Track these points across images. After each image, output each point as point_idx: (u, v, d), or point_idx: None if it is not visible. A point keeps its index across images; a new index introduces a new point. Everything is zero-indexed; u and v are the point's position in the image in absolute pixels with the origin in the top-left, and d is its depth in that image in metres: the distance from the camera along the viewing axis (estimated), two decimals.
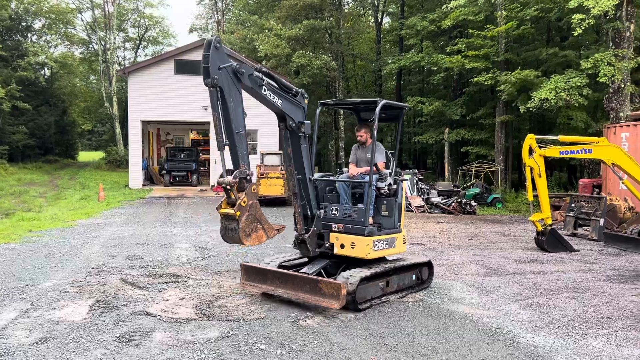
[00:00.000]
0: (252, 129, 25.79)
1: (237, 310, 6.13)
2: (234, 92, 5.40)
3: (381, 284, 6.76)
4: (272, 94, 5.86)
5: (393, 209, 6.99)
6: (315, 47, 28.80)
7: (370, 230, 6.58)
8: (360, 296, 6.32)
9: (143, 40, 55.99)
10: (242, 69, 5.45)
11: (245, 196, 5.38)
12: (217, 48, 5.21)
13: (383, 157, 7.27)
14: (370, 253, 6.54)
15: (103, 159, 46.58)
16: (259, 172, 18.55)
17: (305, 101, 6.35)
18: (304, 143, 6.36)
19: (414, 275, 7.29)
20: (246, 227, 5.41)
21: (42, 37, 50.09)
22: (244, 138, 5.55)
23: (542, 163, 10.77)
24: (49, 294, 6.71)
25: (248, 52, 32.41)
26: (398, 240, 7.00)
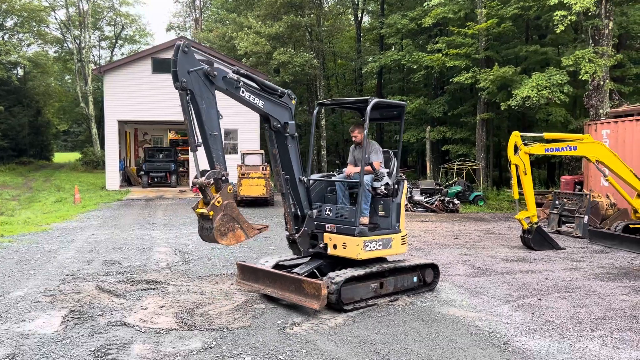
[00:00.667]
0: (233, 129, 25.43)
1: (221, 318, 5.84)
2: (206, 95, 5.45)
3: (373, 285, 6.58)
4: (251, 96, 5.86)
5: (390, 209, 6.82)
6: (296, 45, 28.49)
7: (360, 231, 6.43)
8: (347, 297, 6.23)
9: (119, 39, 54.99)
10: (214, 71, 5.45)
11: (220, 196, 5.44)
12: (185, 52, 5.27)
13: (379, 156, 7.08)
14: (361, 254, 6.40)
15: (79, 160, 45.62)
16: (239, 172, 18.20)
17: (293, 102, 6.33)
18: (291, 143, 6.32)
19: (415, 277, 7.07)
20: (221, 227, 5.46)
21: (15, 36, 48.87)
22: (218, 139, 5.59)
23: (528, 161, 10.68)
24: (19, 304, 6.32)
25: (227, 51, 31.96)
26: (395, 241, 6.80)
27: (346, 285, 6.23)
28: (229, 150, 25.67)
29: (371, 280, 6.60)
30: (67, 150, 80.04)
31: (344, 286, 6.20)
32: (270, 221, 14.68)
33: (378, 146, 7.18)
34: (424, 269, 7.21)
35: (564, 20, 16.70)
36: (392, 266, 6.78)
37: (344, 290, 6.20)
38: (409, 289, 7.01)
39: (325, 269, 6.75)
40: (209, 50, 26.33)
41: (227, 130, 25.42)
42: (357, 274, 6.32)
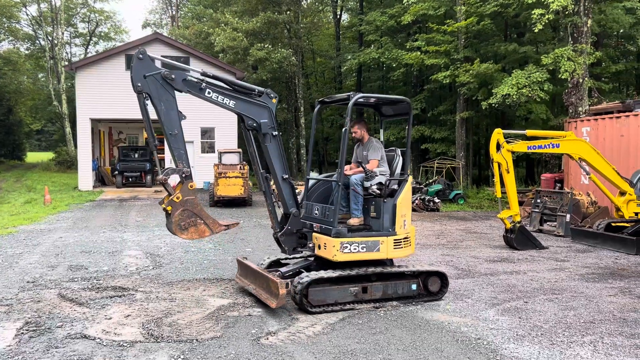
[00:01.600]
0: (210, 127, 24.90)
1: (190, 328, 5.44)
2: (165, 97, 5.75)
3: (353, 289, 6.26)
4: (219, 96, 6.01)
5: (381, 211, 6.42)
6: (274, 42, 28.03)
7: (337, 232, 6.15)
8: (316, 299, 6.03)
9: (94, 36, 53.81)
10: (171, 74, 5.75)
11: (180, 192, 5.68)
12: (140, 59, 5.67)
13: (377, 154, 6.77)
14: (337, 255, 6.10)
15: (52, 160, 44.44)
16: (216, 172, 17.72)
17: (274, 101, 6.31)
18: (271, 142, 6.29)
19: (414, 285, 6.58)
20: (180, 222, 5.70)
21: None
22: (179, 138, 5.83)
23: (510, 158, 10.47)
24: None
25: (204, 48, 31.37)
26: (384, 245, 6.33)
27: (316, 287, 6.04)
28: (207, 149, 25.15)
29: (351, 284, 6.27)
30: (41, 149, 78.22)
31: (313, 287, 6.01)
32: (247, 222, 14.27)
33: (377, 143, 6.89)
34: (427, 276, 6.69)
35: (542, 18, 16.60)
36: (378, 270, 6.38)
37: (313, 291, 6.02)
38: (405, 297, 6.55)
39: (315, 269, 6.46)
40: (185, 47, 25.74)
41: (204, 128, 24.92)
42: (327, 275, 6.06)
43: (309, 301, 5.99)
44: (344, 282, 6.24)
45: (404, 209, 6.53)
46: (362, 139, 7.02)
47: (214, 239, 11.38)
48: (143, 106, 5.72)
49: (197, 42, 32.76)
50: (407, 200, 6.63)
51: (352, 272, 6.24)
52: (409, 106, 6.88)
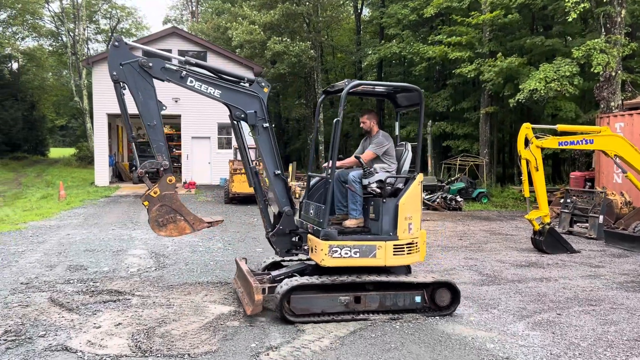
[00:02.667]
0: (227, 122, 24.40)
1: (184, 341, 4.91)
2: (142, 86, 5.44)
3: (344, 298, 5.59)
4: (202, 85, 5.64)
5: (380, 212, 5.74)
6: (292, 36, 27.48)
7: (325, 233, 5.55)
8: (299, 307, 5.46)
9: (115, 32, 53.92)
10: (149, 62, 5.44)
11: (158, 187, 5.43)
12: (116, 46, 5.40)
13: (378, 147, 6.15)
14: (325, 260, 5.52)
15: (74, 156, 44.71)
16: (231, 168, 17.27)
17: (265, 90, 5.89)
18: (260, 135, 5.88)
19: (419, 297, 5.84)
20: (158, 217, 5.44)
21: (8, 29, 47.93)
22: (158, 129, 5.52)
23: (540, 155, 9.75)
24: None
25: (222, 42, 30.99)
26: (381, 250, 5.66)
27: (299, 294, 5.47)
28: (224, 145, 24.75)
29: (341, 293, 5.61)
30: (65, 145, 79.09)
31: (296, 294, 5.45)
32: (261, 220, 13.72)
33: (383, 137, 6.24)
34: (434, 288, 5.91)
35: (577, 7, 15.70)
36: (372, 279, 5.65)
37: (296, 299, 5.45)
38: (408, 310, 5.83)
39: (310, 274, 5.86)
40: (202, 42, 25.36)
41: (222, 124, 24.51)
42: (309, 282, 5.48)
43: (291, 309, 5.43)
44: (334, 290, 5.60)
45: (409, 210, 5.81)
46: (370, 131, 6.39)
47: (223, 237, 10.91)
48: (120, 96, 5.45)
49: (216, 37, 32.41)
50: (414, 201, 5.89)
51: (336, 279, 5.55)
52: (419, 95, 6.11)
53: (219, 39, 32.10)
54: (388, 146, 6.21)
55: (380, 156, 6.18)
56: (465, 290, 7.07)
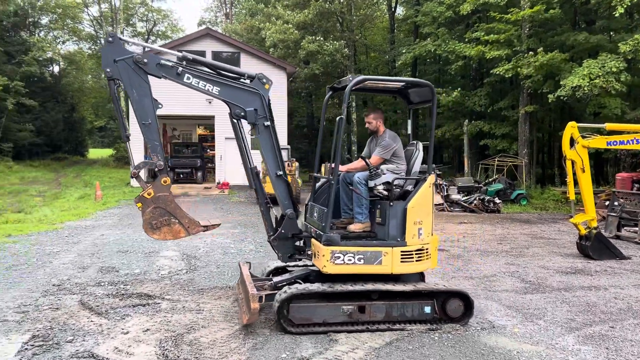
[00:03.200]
0: None
1: (212, 349, 4.73)
2: (137, 83, 5.26)
3: (347, 307, 5.24)
4: (200, 82, 5.41)
5: (386, 216, 5.37)
6: (326, 35, 27.24)
7: (327, 238, 5.24)
8: (299, 316, 5.16)
9: (152, 34, 54.90)
10: (144, 58, 5.23)
11: (152, 188, 5.25)
12: (110, 42, 5.24)
13: (385, 150, 5.78)
14: (327, 266, 5.22)
15: (112, 156, 45.63)
16: (264, 169, 17.16)
17: (266, 87, 5.60)
18: (261, 134, 5.62)
19: (428, 307, 5.45)
20: (152, 220, 5.24)
21: (50, 33, 49.32)
22: (153, 128, 5.31)
23: (586, 155, 9.23)
24: None
25: (256, 43, 31.02)
26: (387, 257, 5.29)
27: (299, 303, 5.18)
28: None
29: (344, 302, 5.27)
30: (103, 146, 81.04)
31: (296, 303, 5.16)
32: None
33: (390, 138, 5.86)
34: (446, 298, 5.50)
35: (623, 1, 14.94)
36: (372, 287, 5.28)
37: (295, 308, 5.16)
38: (418, 321, 5.44)
39: (315, 280, 5.54)
40: (235, 43, 25.40)
41: None
42: (307, 290, 5.17)
43: (290, 319, 5.14)
44: (336, 298, 5.29)
45: (419, 214, 5.43)
46: (376, 131, 6.02)
47: (255, 239, 10.77)
48: (114, 93, 5.33)
49: (250, 37, 32.49)
50: (424, 204, 5.50)
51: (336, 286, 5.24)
52: (431, 91, 5.70)
53: (252, 40, 32.17)
54: (396, 148, 5.84)
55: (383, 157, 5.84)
56: (508, 298, 6.70)
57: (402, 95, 6.36)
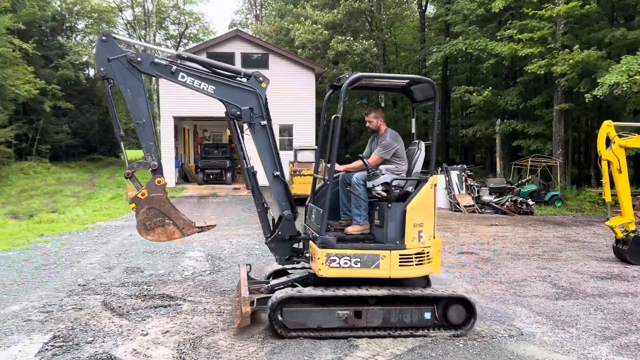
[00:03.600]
0: (288, 124, 24.48)
1: (230, 353, 4.66)
2: (131, 82, 5.24)
3: (342, 312, 5.09)
4: (195, 81, 5.33)
5: (385, 218, 5.20)
6: (355, 35, 27.07)
7: (323, 241, 5.10)
8: (292, 321, 5.04)
9: (183, 37, 55.72)
10: (137, 57, 5.21)
11: (146, 189, 5.24)
12: (103, 41, 5.22)
13: (383, 150, 5.62)
14: (322, 270, 5.09)
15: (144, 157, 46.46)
16: (291, 170, 17.14)
17: (263, 85, 5.46)
18: (257, 133, 5.48)
19: (429, 314, 5.22)
20: (145, 221, 5.22)
21: (85, 38, 50.60)
22: (147, 128, 5.30)
23: (623, 156, 8.85)
24: (7, 323, 5.44)
25: (285, 44, 31.10)
26: (385, 261, 5.12)
27: (293, 307, 5.05)
28: (285, 147, 24.74)
29: (338, 306, 5.12)
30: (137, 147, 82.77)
31: (289, 307, 5.04)
32: None
33: (390, 137, 5.69)
34: (447, 303, 5.25)
35: None
36: (368, 293, 5.09)
37: (289, 312, 5.04)
38: (417, 327, 5.23)
39: (313, 283, 5.41)
40: (264, 44, 25.48)
41: (283, 126, 24.54)
42: (300, 294, 5.05)
43: (284, 323, 5.03)
44: (331, 303, 5.13)
45: (419, 216, 5.23)
46: (377, 130, 5.86)
47: None
48: (108, 93, 5.32)
49: (279, 39, 32.59)
50: (425, 205, 5.30)
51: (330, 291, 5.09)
52: (432, 88, 5.50)
53: (281, 41, 32.27)
54: (397, 148, 5.66)
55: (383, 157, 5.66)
56: (539, 304, 6.44)
57: (405, 93, 6.22)
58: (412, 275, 5.29)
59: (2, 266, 8.30)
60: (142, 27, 48.01)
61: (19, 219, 14.62)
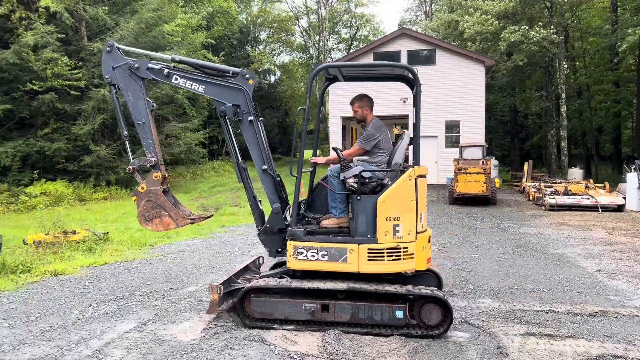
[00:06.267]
0: (455, 120, 23.75)
1: (372, 347, 4.67)
2: (132, 87, 5.71)
3: (309, 305, 5.08)
4: (187, 82, 5.68)
5: (356, 211, 5.08)
6: (531, 22, 25.14)
7: (290, 233, 5.22)
8: (258, 310, 5.20)
9: (354, 39, 57.37)
10: (135, 64, 5.68)
11: (145, 183, 5.67)
12: (108, 51, 5.73)
13: (364, 141, 5.51)
14: (290, 262, 5.19)
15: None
16: (456, 167, 16.59)
17: (250, 82, 5.57)
18: (245, 128, 5.60)
19: (400, 312, 4.97)
20: (145, 212, 5.65)
21: (267, 47, 55.06)
22: (147, 128, 5.72)
23: None
24: (183, 301, 6.20)
25: (453, 38, 30.18)
26: (353, 255, 4.98)
27: (260, 297, 5.20)
28: (452, 144, 24.02)
29: (306, 299, 5.10)
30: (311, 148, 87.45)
31: (257, 297, 5.20)
32: (485, 224, 12.83)
33: (373, 129, 5.53)
34: (423, 302, 4.99)
35: None
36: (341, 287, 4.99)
37: (256, 302, 5.20)
38: (388, 325, 5.01)
39: (302, 276, 5.35)
40: (430, 40, 25.03)
41: (449, 122, 23.88)
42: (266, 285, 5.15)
43: (250, 312, 5.21)
44: (298, 295, 5.17)
45: (393, 210, 4.98)
46: (364, 120, 5.72)
47: (439, 240, 10.46)
48: (114, 97, 5.81)
49: (447, 33, 31.75)
50: (401, 199, 5.00)
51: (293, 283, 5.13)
52: (411, 75, 5.25)
53: (450, 35, 31.38)
54: (379, 139, 5.50)
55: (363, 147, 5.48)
56: None
57: (403, 80, 5.89)
58: (385, 271, 5.07)
59: (188, 252, 9.48)
60: (316, 33, 50.62)
61: (207, 211, 16.50)
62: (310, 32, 50.84)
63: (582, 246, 9.81)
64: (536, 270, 7.80)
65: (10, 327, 5.34)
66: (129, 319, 5.55)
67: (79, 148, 20.38)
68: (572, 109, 27.61)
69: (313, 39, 50.90)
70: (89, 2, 20.77)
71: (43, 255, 8.79)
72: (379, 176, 5.36)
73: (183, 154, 24.41)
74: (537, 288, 6.76)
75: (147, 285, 7.00)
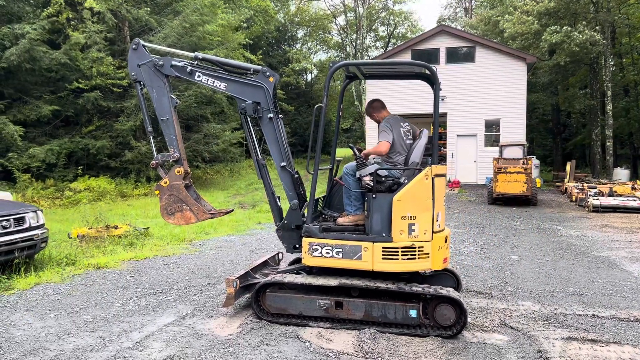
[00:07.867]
0: (495, 119, 23.29)
1: (408, 347, 4.64)
2: (156, 84, 5.84)
3: (322, 302, 5.13)
4: (209, 79, 5.74)
5: (371, 209, 5.08)
6: (575, 19, 24.39)
7: (306, 230, 5.26)
8: (275, 306, 5.28)
9: (392, 37, 56.93)
10: (160, 61, 5.79)
11: (167, 177, 5.78)
12: (134, 49, 5.87)
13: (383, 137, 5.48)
14: (305, 258, 5.24)
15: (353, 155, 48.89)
16: (495, 167, 16.25)
17: (270, 79, 5.58)
18: (265, 126, 5.63)
19: (414, 311, 4.96)
20: (167, 206, 5.76)
21: (304, 45, 55.26)
22: (170, 124, 5.83)
23: None
24: (220, 297, 6.29)
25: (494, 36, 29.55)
26: (368, 253, 4.98)
27: (276, 292, 5.29)
28: (492, 142, 23.55)
29: (320, 296, 5.15)
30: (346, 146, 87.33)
31: (272, 292, 5.29)
32: (526, 225, 12.53)
33: (388, 123, 5.53)
34: (437, 302, 4.95)
35: None
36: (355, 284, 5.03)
37: (271, 297, 5.29)
38: (402, 324, 5.00)
39: (318, 272, 5.42)
40: (470, 37, 24.58)
41: (489, 121, 23.43)
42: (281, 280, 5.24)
43: (266, 307, 5.31)
44: (313, 292, 5.24)
45: (409, 208, 4.95)
46: (381, 120, 5.76)
47: (478, 240, 10.28)
48: (139, 94, 5.94)
49: (487, 30, 31.13)
50: (417, 198, 4.96)
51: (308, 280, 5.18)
52: (430, 73, 5.21)
53: (489, 32, 30.76)
54: (398, 130, 5.53)
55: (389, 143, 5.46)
56: None
57: (422, 78, 5.83)
58: (399, 270, 5.03)
59: (225, 248, 9.61)
60: (353, 31, 50.46)
61: (244, 208, 16.70)
62: (347, 30, 50.70)
63: (627, 249, 9.47)
64: (579, 273, 7.58)
65: (56, 318, 5.54)
66: (168, 313, 5.68)
67: (120, 145, 20.95)
68: (619, 107, 26.58)
69: (350, 37, 50.71)
70: (132, 3, 21.29)
71: (86, 248, 9.08)
72: (396, 175, 5.37)
73: (221, 153, 24.76)
74: (580, 291, 6.57)
75: (186, 280, 7.14)
